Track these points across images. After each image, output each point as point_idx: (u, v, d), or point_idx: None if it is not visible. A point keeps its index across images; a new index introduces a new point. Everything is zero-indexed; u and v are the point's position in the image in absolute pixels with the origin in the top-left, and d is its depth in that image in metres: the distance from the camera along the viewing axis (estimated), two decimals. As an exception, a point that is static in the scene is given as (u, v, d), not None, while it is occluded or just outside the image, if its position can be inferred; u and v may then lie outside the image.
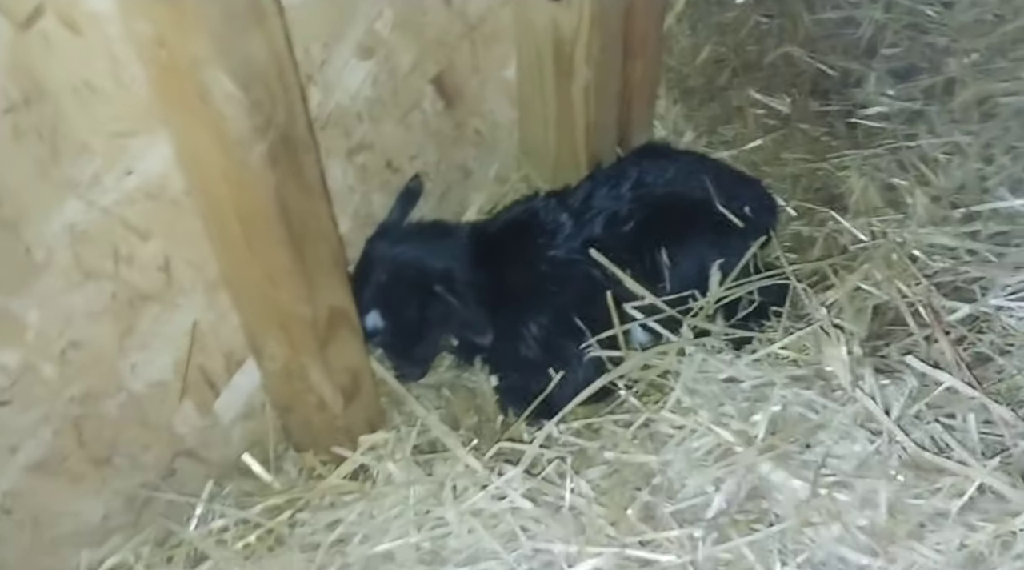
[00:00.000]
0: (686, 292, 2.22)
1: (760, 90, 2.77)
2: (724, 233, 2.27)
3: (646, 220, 2.23)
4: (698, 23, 2.92)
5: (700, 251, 2.25)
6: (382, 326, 2.14)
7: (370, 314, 2.12)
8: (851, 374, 1.95)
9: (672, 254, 2.22)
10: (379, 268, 2.13)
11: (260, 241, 1.63)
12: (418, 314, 2.14)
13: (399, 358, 2.22)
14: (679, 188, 2.28)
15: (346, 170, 2.02)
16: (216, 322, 1.91)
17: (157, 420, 1.91)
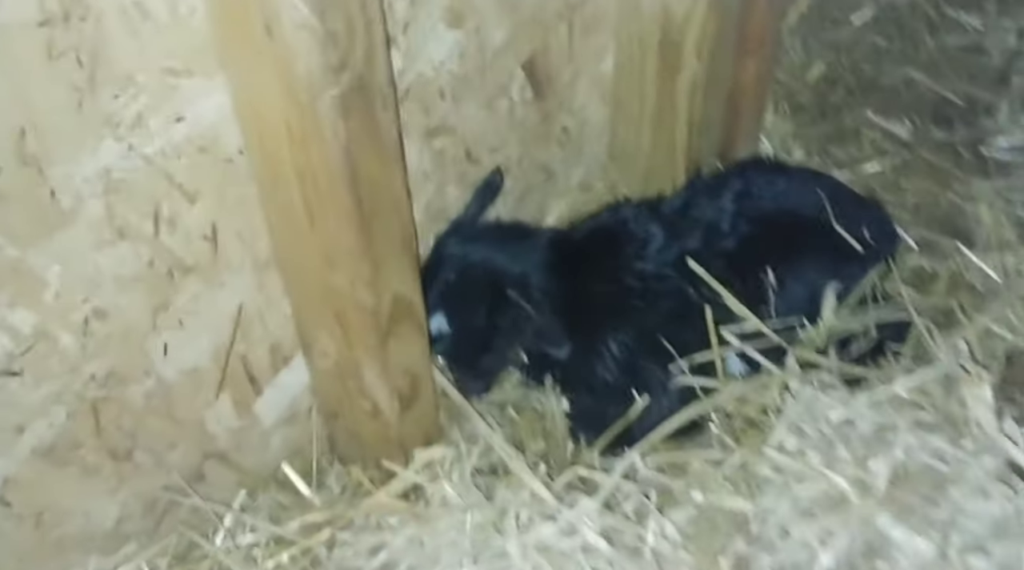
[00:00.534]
0: (792, 319, 1.96)
1: (877, 112, 2.52)
2: (839, 257, 2.00)
3: (750, 236, 1.98)
4: (809, 39, 2.70)
5: (811, 275, 1.99)
6: (447, 331, 1.91)
7: (434, 317, 1.89)
8: (996, 419, 1.66)
9: (779, 276, 1.96)
10: (448, 267, 1.91)
11: (322, 210, 1.42)
12: (487, 320, 1.91)
13: (463, 369, 1.99)
14: (790, 203, 2.02)
15: (422, 153, 1.80)
16: (264, 308, 1.69)
17: (188, 414, 1.69)
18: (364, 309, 1.54)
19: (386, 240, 1.45)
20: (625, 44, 2.03)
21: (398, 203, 1.43)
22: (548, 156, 2.14)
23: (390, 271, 1.50)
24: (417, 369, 1.71)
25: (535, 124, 2.04)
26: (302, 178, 1.39)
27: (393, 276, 1.52)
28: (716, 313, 1.95)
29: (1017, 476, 1.68)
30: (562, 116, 2.10)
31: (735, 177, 2.05)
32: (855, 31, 2.72)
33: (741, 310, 1.92)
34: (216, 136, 1.41)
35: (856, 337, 2.01)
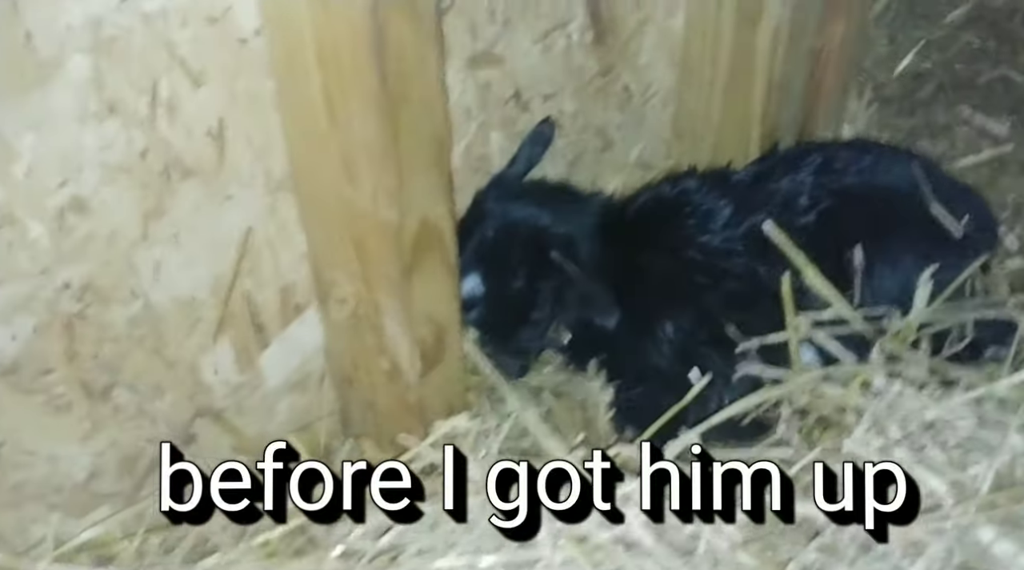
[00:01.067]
0: (881, 307, 1.70)
1: (973, 109, 2.29)
2: (935, 242, 1.75)
3: (833, 212, 1.74)
4: (898, 34, 2.49)
5: (902, 259, 1.73)
6: (481, 294, 1.68)
7: (469, 277, 1.67)
8: None
9: (868, 259, 1.71)
10: (487, 223, 1.69)
11: (342, 96, 1.21)
12: (527, 283, 1.68)
13: (498, 342, 1.75)
14: (879, 179, 1.78)
15: (465, 83, 1.60)
16: (276, 238, 1.48)
17: (180, 355, 1.48)
18: (386, 231, 1.32)
19: (415, 141, 1.23)
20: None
21: (431, 95, 1.22)
22: (606, 118, 1.92)
23: (418, 185, 1.28)
24: (443, 319, 1.48)
25: (594, 75, 1.83)
26: (322, 57, 1.19)
27: (421, 192, 1.30)
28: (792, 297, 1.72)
29: None
30: (625, 72, 1.89)
31: (815, 150, 1.82)
32: (947, 29, 2.51)
33: (826, 290, 1.67)
34: (229, 6, 1.22)
35: (951, 335, 1.75)
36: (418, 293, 1.40)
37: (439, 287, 1.43)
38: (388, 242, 1.33)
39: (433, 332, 1.48)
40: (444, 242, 1.38)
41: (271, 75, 1.30)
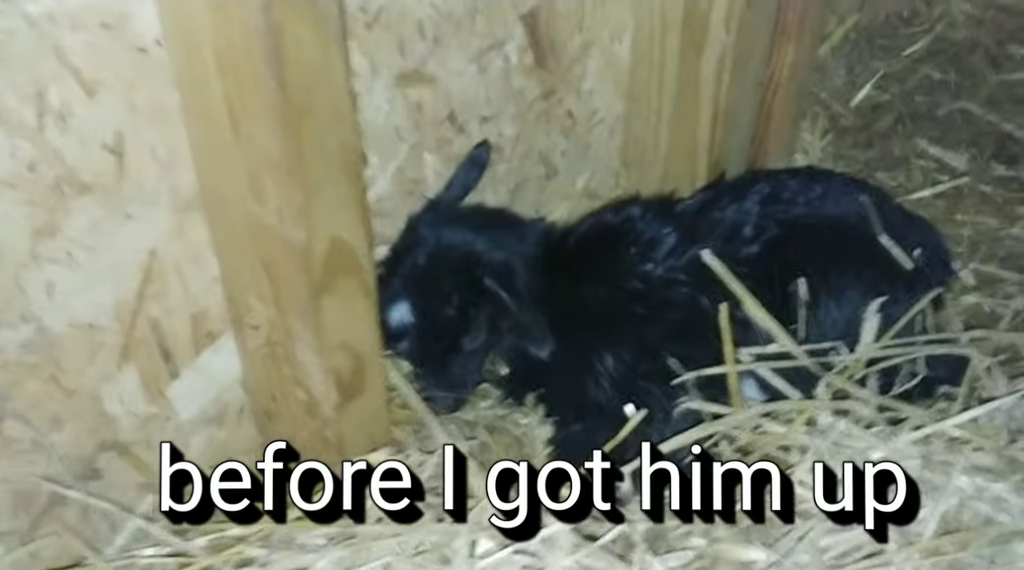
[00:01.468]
0: (827, 342, 1.63)
1: (931, 142, 2.24)
2: (884, 275, 1.68)
3: (778, 243, 1.68)
4: (856, 66, 2.45)
5: (848, 291, 1.67)
6: (411, 324, 1.60)
7: (398, 306, 1.60)
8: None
9: (811, 290, 1.65)
10: (419, 249, 1.62)
11: (243, 106, 1.14)
12: (460, 313, 1.61)
13: (431, 374, 1.67)
14: (827, 209, 1.72)
15: (394, 103, 1.53)
16: (184, 261, 1.40)
17: (80, 384, 1.39)
18: (294, 251, 1.24)
19: (321, 154, 1.16)
20: (645, 19, 1.77)
21: (337, 105, 1.14)
22: (549, 144, 1.86)
23: (326, 201, 1.21)
24: (361, 347, 1.40)
25: (535, 99, 1.76)
26: (222, 65, 1.12)
27: (330, 210, 1.22)
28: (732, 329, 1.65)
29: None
30: (568, 97, 1.83)
31: (763, 179, 1.76)
32: (906, 61, 2.48)
33: (767, 322, 1.60)
34: (126, 12, 1.15)
35: (900, 372, 1.68)
36: (331, 318, 1.32)
37: (355, 313, 1.35)
38: (296, 263, 1.25)
39: (350, 362, 1.40)
40: (359, 264, 1.30)
41: (175, 86, 1.23)
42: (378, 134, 1.54)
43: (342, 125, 1.17)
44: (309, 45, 1.07)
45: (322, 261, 1.25)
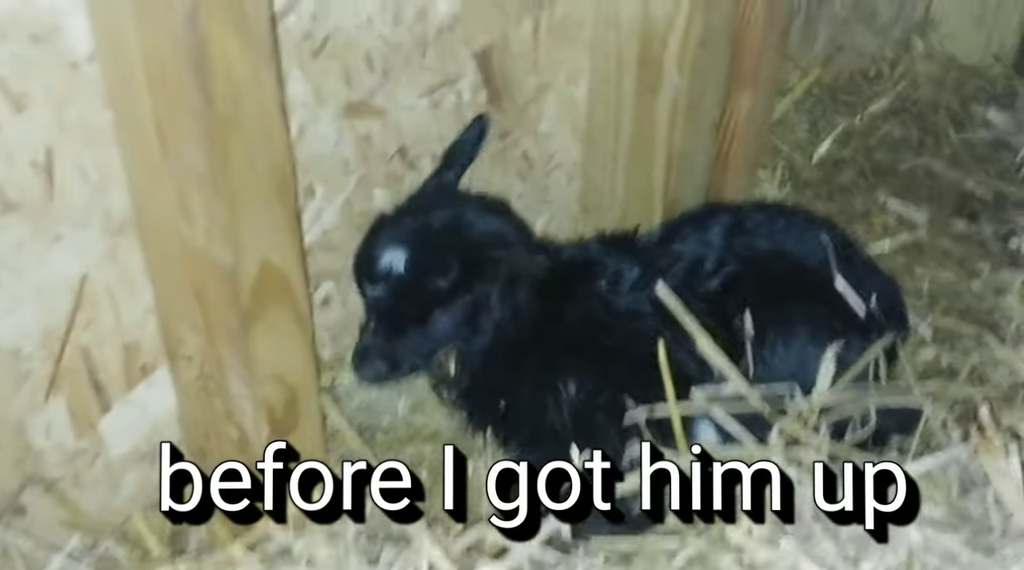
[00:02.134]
0: (781, 384, 1.60)
1: (892, 197, 2.24)
2: (840, 319, 1.66)
3: (736, 277, 1.66)
4: (819, 120, 2.46)
5: (803, 333, 1.64)
6: (397, 273, 1.52)
7: (393, 250, 1.51)
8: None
9: (764, 329, 1.62)
10: (438, 209, 1.56)
11: (171, 119, 1.12)
12: (449, 288, 1.53)
13: (378, 335, 1.56)
14: (789, 246, 1.70)
15: (342, 134, 1.52)
16: (117, 287, 1.36)
17: (3, 413, 1.34)
18: (222, 274, 1.21)
19: (249, 171, 1.14)
20: (601, 62, 1.77)
21: (267, 121, 1.12)
22: (505, 186, 1.84)
23: (255, 222, 1.18)
24: (295, 380, 1.36)
25: (489, 139, 1.75)
26: (151, 78, 1.10)
27: (259, 231, 1.19)
28: (691, 367, 1.61)
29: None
30: (524, 139, 1.82)
31: (725, 210, 1.74)
32: (869, 118, 2.48)
33: (719, 361, 1.57)
34: (56, 25, 1.13)
35: (852, 420, 1.64)
36: (261, 347, 1.28)
37: (287, 342, 1.31)
38: (225, 287, 1.22)
39: (283, 394, 1.35)
40: (291, 290, 1.27)
41: (107, 103, 1.21)
42: (325, 165, 1.52)
43: (273, 143, 1.15)
44: (237, 58, 1.06)
45: (251, 286, 1.22)
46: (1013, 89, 2.57)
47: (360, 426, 1.70)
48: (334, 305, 1.68)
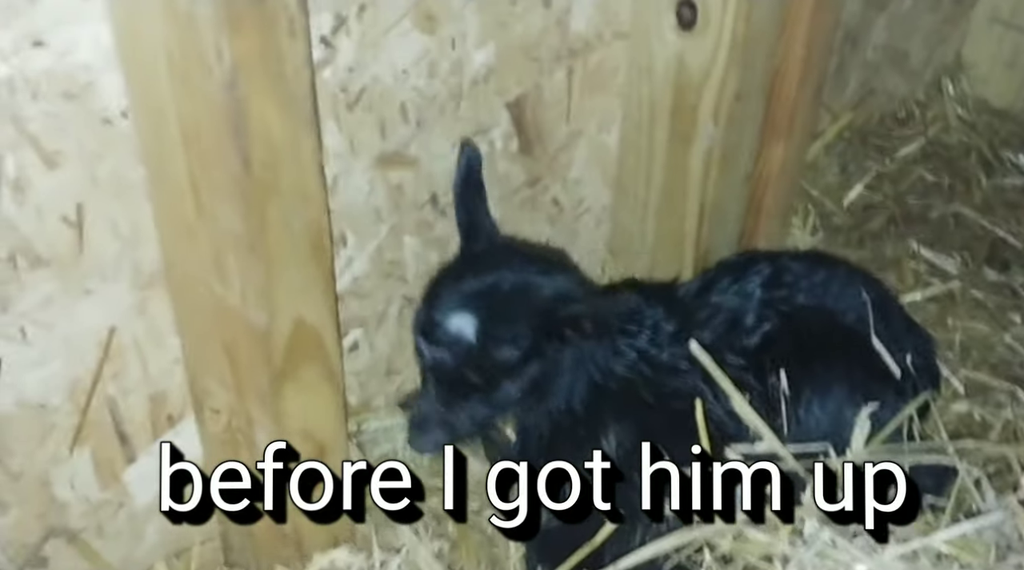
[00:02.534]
0: (814, 444, 1.57)
1: (923, 244, 2.21)
2: (876, 379, 1.63)
3: (777, 335, 1.62)
4: (849, 164, 2.43)
5: (839, 393, 1.61)
6: (465, 341, 1.42)
7: (460, 316, 1.42)
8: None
9: (799, 387, 1.59)
10: (496, 269, 1.47)
11: (207, 181, 1.11)
12: (521, 357, 1.45)
13: (438, 404, 1.48)
14: (828, 302, 1.67)
15: (374, 184, 1.50)
16: (145, 340, 1.35)
17: (27, 467, 1.33)
18: (256, 334, 1.19)
19: (286, 234, 1.12)
20: (634, 110, 1.75)
21: (305, 185, 1.11)
22: (535, 231, 1.82)
23: (290, 283, 1.16)
24: (323, 435, 1.34)
25: (520, 185, 1.74)
26: (186, 139, 1.09)
27: (294, 291, 1.18)
28: (730, 425, 1.58)
29: None
30: (554, 185, 1.80)
31: (764, 259, 1.71)
32: (900, 162, 2.45)
33: (754, 420, 1.54)
34: (90, 82, 1.12)
35: (886, 480, 1.61)
36: (292, 405, 1.26)
37: (318, 400, 1.30)
38: (258, 347, 1.20)
39: (311, 450, 1.34)
40: (324, 349, 1.26)
41: (140, 159, 1.19)
42: (356, 214, 1.50)
43: (310, 205, 1.14)
44: (276, 123, 1.04)
45: (284, 345, 1.20)
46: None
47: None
48: (362, 351, 1.66)
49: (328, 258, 1.20)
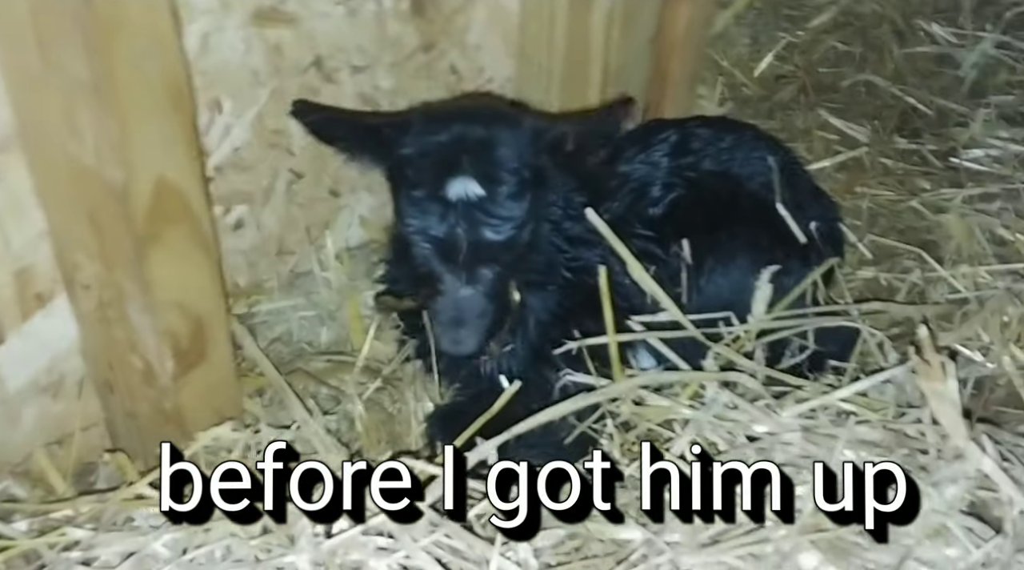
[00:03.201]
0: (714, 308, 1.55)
1: (833, 114, 2.18)
2: (779, 246, 1.60)
3: (681, 203, 1.60)
4: (760, 35, 2.39)
5: (743, 259, 1.58)
6: (474, 196, 1.34)
7: (458, 180, 1.34)
8: (965, 427, 1.24)
9: (701, 255, 1.56)
10: (478, 129, 1.38)
11: (49, 23, 1.00)
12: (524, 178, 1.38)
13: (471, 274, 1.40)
14: (734, 168, 1.63)
15: (250, 43, 1.40)
16: (6, 211, 1.24)
17: None
18: (114, 194, 1.10)
19: (137, 80, 1.03)
20: (533, -29, 1.66)
21: (155, 23, 1.01)
22: (432, 100, 1.74)
23: (147, 136, 1.08)
24: (200, 307, 1.27)
25: (414, 50, 1.64)
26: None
27: (152, 146, 1.09)
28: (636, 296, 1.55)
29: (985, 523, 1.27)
30: (452, 51, 1.71)
31: (671, 126, 1.66)
32: (812, 32, 2.41)
33: (654, 290, 1.51)
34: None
35: (790, 345, 1.60)
36: (160, 273, 1.19)
37: (189, 268, 1.22)
38: (118, 208, 1.12)
39: (187, 324, 1.26)
40: (192, 211, 1.17)
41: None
42: (232, 77, 1.41)
43: (163, 48, 1.04)
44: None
45: (146, 206, 1.12)
46: (957, 2, 2.50)
47: (279, 358, 1.61)
48: (248, 228, 1.58)
49: (189, 109, 1.11)
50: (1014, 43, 2.35)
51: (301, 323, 1.70)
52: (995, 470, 1.22)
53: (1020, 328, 1.64)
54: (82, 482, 1.49)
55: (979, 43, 2.35)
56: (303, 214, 1.65)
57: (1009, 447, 1.39)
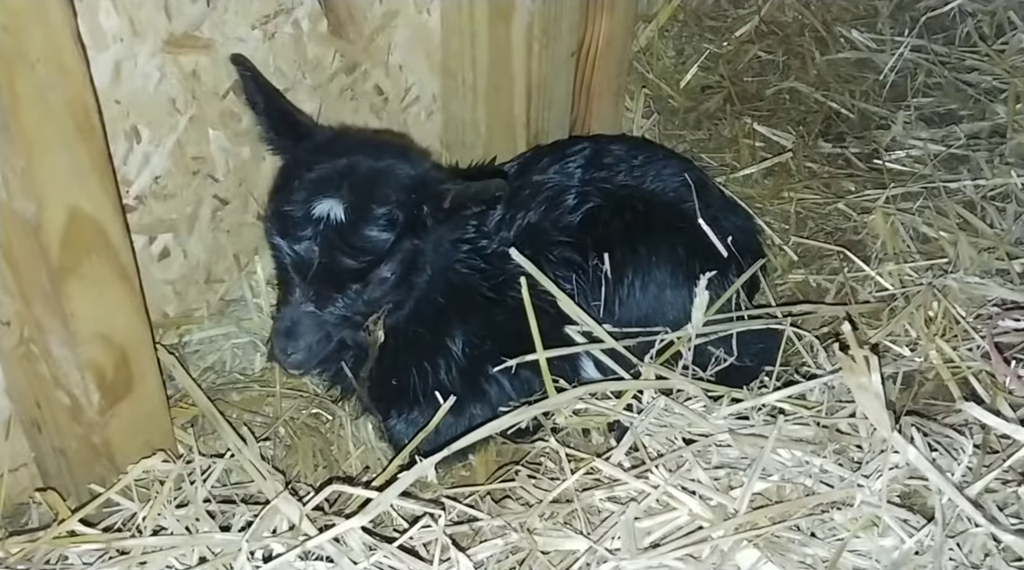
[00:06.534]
0: (638, 322, 1.57)
1: (759, 122, 2.22)
2: (698, 260, 1.61)
3: (597, 214, 1.61)
4: (685, 47, 2.42)
5: (659, 271, 1.60)
6: (335, 224, 1.35)
7: (325, 201, 1.35)
8: (890, 419, 1.26)
9: (621, 267, 1.58)
10: (348, 156, 1.42)
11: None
12: (392, 229, 1.38)
13: (316, 299, 1.39)
14: (647, 183, 1.65)
15: (165, 71, 1.39)
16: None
17: None
18: (26, 227, 1.09)
19: (42, 111, 1.01)
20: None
21: (59, 51, 1.00)
22: (359, 122, 1.74)
23: (56, 167, 1.06)
24: (123, 338, 1.24)
25: (335, 71, 1.64)
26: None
27: (63, 177, 1.07)
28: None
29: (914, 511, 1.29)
30: (375, 72, 1.71)
31: (586, 143, 1.68)
32: (736, 42, 2.45)
33: (576, 313, 1.52)
34: None
35: (719, 349, 1.62)
36: (79, 306, 1.17)
37: (109, 299, 1.20)
38: (31, 240, 1.10)
39: (111, 356, 1.24)
40: (109, 241, 1.16)
41: None
42: (147, 105, 1.39)
43: (69, 78, 1.03)
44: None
45: (60, 238, 1.10)
46: (875, 8, 2.56)
47: (212, 387, 1.59)
48: (175, 257, 1.56)
49: (100, 139, 1.09)
50: (930, 46, 2.40)
51: (234, 351, 1.68)
52: (920, 459, 1.23)
53: (945, 322, 1.67)
54: (15, 523, 1.45)
55: (897, 47, 2.39)
56: (230, 241, 1.64)
57: (937, 438, 1.43)
